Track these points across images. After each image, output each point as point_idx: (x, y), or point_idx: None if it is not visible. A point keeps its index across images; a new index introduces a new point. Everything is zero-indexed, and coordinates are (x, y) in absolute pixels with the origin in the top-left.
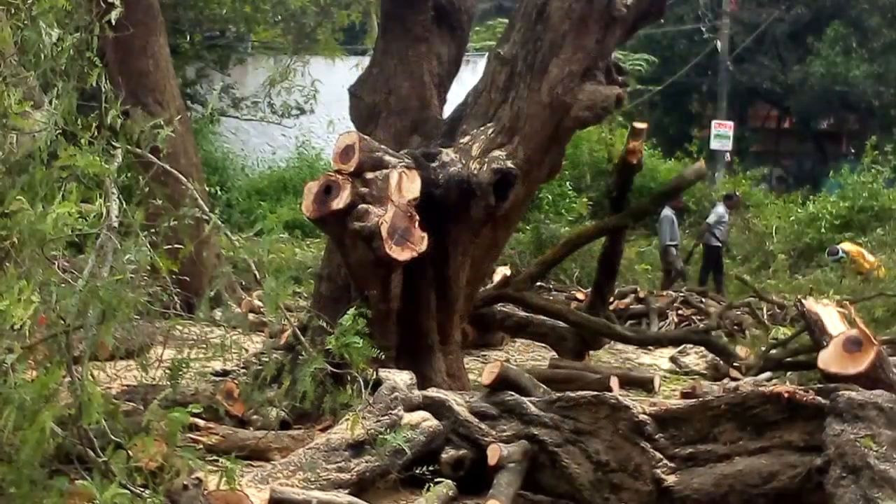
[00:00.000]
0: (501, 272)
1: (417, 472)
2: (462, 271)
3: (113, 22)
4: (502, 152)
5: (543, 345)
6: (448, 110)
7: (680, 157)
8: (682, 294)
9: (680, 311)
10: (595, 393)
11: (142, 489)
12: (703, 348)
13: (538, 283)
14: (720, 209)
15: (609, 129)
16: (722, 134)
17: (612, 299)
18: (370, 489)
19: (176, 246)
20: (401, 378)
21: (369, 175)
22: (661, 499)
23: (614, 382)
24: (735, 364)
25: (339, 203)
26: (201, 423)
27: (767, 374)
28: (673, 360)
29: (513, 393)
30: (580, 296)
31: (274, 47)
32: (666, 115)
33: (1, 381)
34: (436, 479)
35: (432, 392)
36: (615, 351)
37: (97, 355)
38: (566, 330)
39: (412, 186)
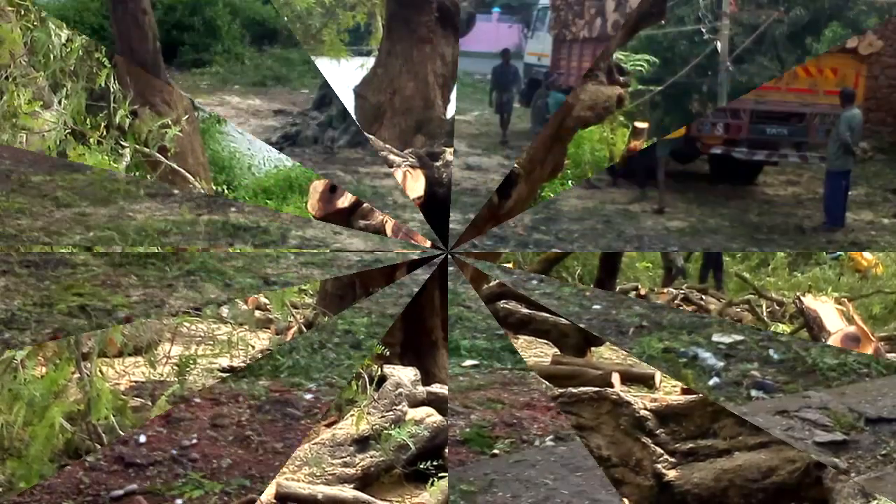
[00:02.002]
0: None
1: (421, 466)
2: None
3: None
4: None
5: (546, 341)
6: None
7: None
8: (682, 291)
9: (681, 308)
10: (597, 389)
11: None
12: None
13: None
14: None
15: (611, 129)
16: None
17: None
18: (375, 484)
19: None
20: (405, 374)
21: None
22: (662, 493)
23: (616, 379)
24: None
25: (344, 202)
26: None
27: None
28: None
29: None
30: None
31: None
32: (666, 114)
33: (11, 377)
34: (440, 474)
35: (436, 388)
36: (617, 347)
37: (106, 352)
38: (568, 327)
39: (416, 185)
